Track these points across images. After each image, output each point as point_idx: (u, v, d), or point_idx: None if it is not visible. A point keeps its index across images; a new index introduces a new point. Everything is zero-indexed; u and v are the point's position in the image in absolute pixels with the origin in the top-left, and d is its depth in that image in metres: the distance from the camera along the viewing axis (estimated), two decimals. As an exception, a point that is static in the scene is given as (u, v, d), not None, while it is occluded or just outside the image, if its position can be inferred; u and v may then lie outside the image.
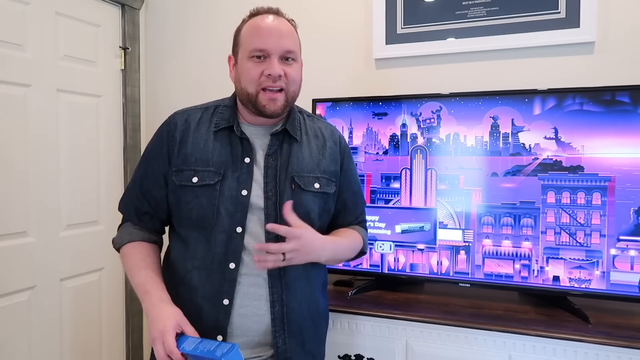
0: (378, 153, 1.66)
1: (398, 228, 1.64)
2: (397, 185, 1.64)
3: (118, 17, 2.12)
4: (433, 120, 1.60)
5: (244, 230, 1.05)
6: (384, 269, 1.66)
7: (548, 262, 1.48)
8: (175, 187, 1.09)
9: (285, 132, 1.12)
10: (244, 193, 1.06)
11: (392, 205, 1.65)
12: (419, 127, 1.62)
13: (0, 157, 1.65)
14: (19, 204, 1.71)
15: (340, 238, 1.17)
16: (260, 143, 1.11)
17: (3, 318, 1.66)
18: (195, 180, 1.07)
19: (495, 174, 1.53)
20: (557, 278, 1.47)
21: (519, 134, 1.51)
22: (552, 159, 1.48)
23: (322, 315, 1.19)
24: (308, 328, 1.12)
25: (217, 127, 1.11)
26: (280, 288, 1.06)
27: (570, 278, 1.46)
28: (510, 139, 1.52)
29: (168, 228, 1.19)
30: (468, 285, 1.57)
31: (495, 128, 1.53)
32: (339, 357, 1.53)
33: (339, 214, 1.22)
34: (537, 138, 1.49)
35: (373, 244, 1.66)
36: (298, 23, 1.14)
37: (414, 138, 1.62)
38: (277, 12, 1.10)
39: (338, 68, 1.93)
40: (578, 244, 1.45)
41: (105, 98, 2.07)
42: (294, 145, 1.13)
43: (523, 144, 1.50)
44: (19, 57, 1.70)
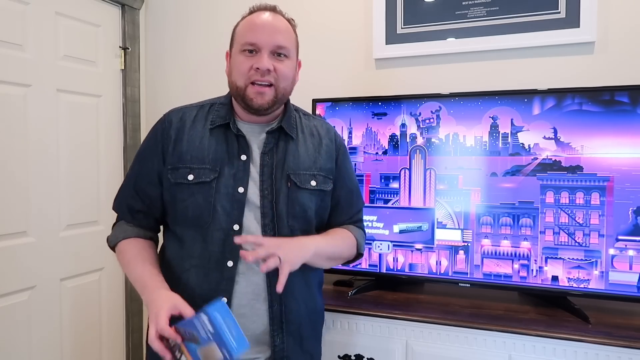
0: (377, 153, 1.66)
1: (396, 228, 1.64)
2: (396, 185, 1.64)
3: (118, 17, 2.13)
4: (432, 120, 1.60)
5: (241, 228, 1.05)
6: (382, 269, 1.66)
7: (547, 262, 1.48)
8: (171, 184, 1.08)
9: (281, 130, 1.12)
10: (241, 190, 1.06)
11: (390, 205, 1.65)
12: (419, 127, 1.62)
13: (0, 157, 1.65)
14: (19, 204, 1.71)
15: (325, 234, 1.14)
16: (256, 141, 1.11)
17: (3, 318, 1.66)
18: (191, 178, 1.06)
19: (495, 174, 1.53)
20: (556, 278, 1.47)
21: (518, 134, 1.51)
22: (551, 159, 1.47)
23: (319, 314, 1.19)
24: (306, 327, 1.12)
25: (213, 124, 1.10)
26: None
27: (569, 278, 1.46)
28: (510, 139, 1.52)
29: (163, 227, 1.18)
30: (468, 285, 1.57)
31: (495, 128, 1.53)
32: (339, 357, 1.53)
33: (332, 212, 1.20)
34: (536, 138, 1.49)
35: (371, 244, 1.66)
36: (298, 23, 1.14)
37: (414, 138, 1.62)
38: (274, 9, 1.10)
39: (338, 68, 1.93)
40: (577, 244, 1.45)
41: (105, 98, 2.07)
42: (290, 143, 1.12)
43: (522, 144, 1.50)
44: (19, 57, 1.70)
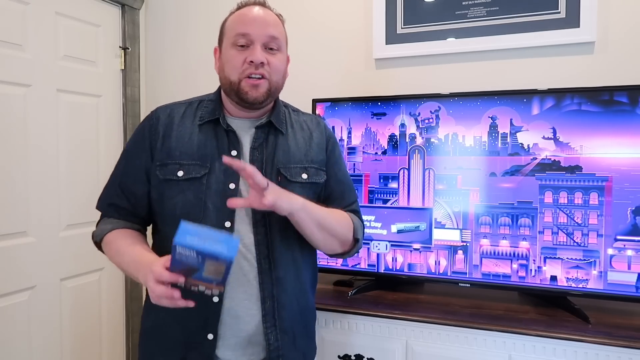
0: (377, 153, 1.66)
1: (394, 228, 1.64)
2: (395, 185, 1.64)
3: (118, 17, 2.13)
4: (432, 120, 1.60)
5: (233, 225, 1.04)
6: (380, 269, 1.66)
7: (545, 262, 1.48)
8: (159, 181, 1.06)
9: (271, 124, 1.11)
10: (232, 186, 1.04)
11: (389, 205, 1.65)
12: (418, 127, 1.62)
13: (0, 157, 1.65)
14: (19, 204, 1.71)
15: (316, 204, 1.09)
16: (246, 136, 1.10)
17: (3, 318, 1.66)
18: (181, 174, 1.04)
19: (494, 174, 1.53)
20: (554, 278, 1.47)
21: (518, 134, 1.51)
22: (550, 159, 1.47)
23: (311, 310, 1.18)
24: (298, 323, 1.11)
25: (202, 120, 1.09)
26: (271, 284, 1.05)
27: (568, 278, 1.46)
28: (509, 139, 1.52)
29: (151, 229, 1.16)
30: (468, 285, 1.57)
31: (494, 128, 1.53)
32: (339, 357, 1.53)
33: (325, 204, 1.15)
34: (535, 138, 1.49)
35: (369, 244, 1.66)
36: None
37: (413, 138, 1.62)
38: (263, 4, 1.10)
39: (338, 68, 1.94)
40: (575, 244, 1.45)
41: (105, 98, 2.07)
42: (280, 138, 1.11)
43: (521, 144, 1.50)
44: (19, 57, 1.71)
